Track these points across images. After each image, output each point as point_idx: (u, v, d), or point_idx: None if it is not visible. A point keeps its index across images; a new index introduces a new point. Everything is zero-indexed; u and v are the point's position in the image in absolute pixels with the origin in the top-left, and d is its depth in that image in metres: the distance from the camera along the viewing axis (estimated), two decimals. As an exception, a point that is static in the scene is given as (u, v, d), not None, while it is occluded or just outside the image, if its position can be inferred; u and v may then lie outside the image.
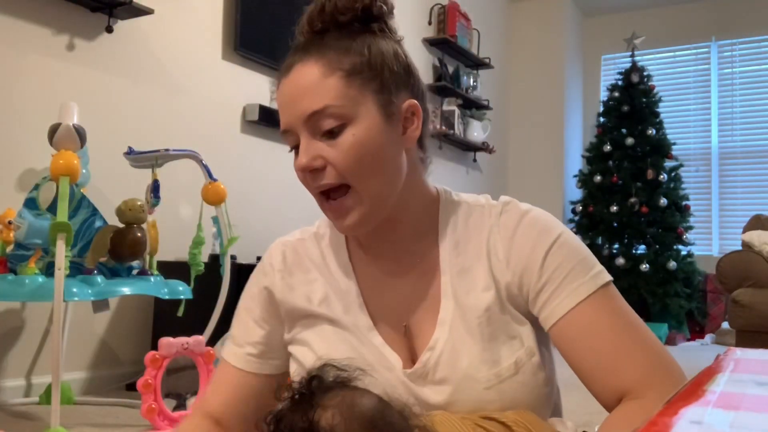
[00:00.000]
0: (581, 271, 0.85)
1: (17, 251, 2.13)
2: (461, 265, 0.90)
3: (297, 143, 0.86)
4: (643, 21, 5.97)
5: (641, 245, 5.32)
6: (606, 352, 0.82)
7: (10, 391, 2.37)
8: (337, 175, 0.84)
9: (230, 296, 2.46)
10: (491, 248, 0.89)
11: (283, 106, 0.87)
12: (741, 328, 3.67)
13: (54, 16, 2.54)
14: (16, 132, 2.42)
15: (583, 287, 0.84)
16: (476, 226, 0.91)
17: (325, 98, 0.83)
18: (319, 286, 0.95)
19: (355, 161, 0.83)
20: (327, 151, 0.84)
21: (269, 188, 3.49)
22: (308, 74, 0.84)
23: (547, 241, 0.86)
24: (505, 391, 0.84)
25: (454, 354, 0.86)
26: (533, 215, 0.90)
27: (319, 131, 0.84)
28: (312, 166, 0.84)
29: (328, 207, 0.88)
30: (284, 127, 0.87)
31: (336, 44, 0.85)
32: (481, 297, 0.87)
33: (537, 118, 5.89)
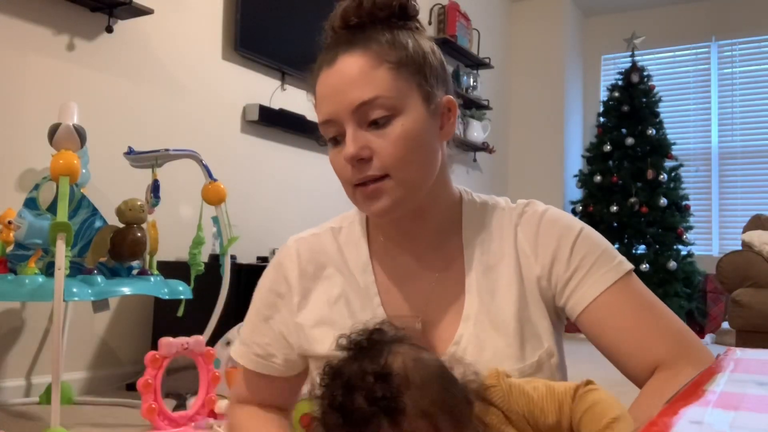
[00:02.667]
0: (606, 260, 0.89)
1: (17, 251, 2.13)
2: (486, 263, 0.92)
3: (338, 134, 0.87)
4: (643, 21, 5.97)
5: (641, 245, 5.32)
6: (636, 330, 0.86)
7: (10, 391, 2.37)
8: (381, 166, 0.85)
9: (230, 296, 2.46)
10: (519, 246, 0.92)
11: (327, 96, 0.87)
12: (741, 328, 3.67)
13: (54, 16, 2.54)
14: (16, 132, 2.42)
15: (610, 274, 0.88)
16: (498, 226, 0.94)
17: (376, 89, 0.84)
18: (336, 283, 0.94)
19: (403, 152, 0.85)
20: (375, 141, 0.84)
21: (269, 188, 3.49)
22: (356, 65, 0.85)
23: (573, 233, 0.91)
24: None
25: (479, 348, 0.87)
26: (554, 211, 0.94)
27: (365, 121, 0.85)
28: (360, 155, 0.84)
29: (361, 191, 0.87)
30: (327, 116, 0.87)
31: (380, 38, 0.87)
32: (506, 294, 0.90)
33: (537, 118, 5.89)
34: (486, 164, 5.57)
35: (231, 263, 2.49)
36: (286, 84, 3.56)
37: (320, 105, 0.88)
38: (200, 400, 2.02)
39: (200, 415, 2.01)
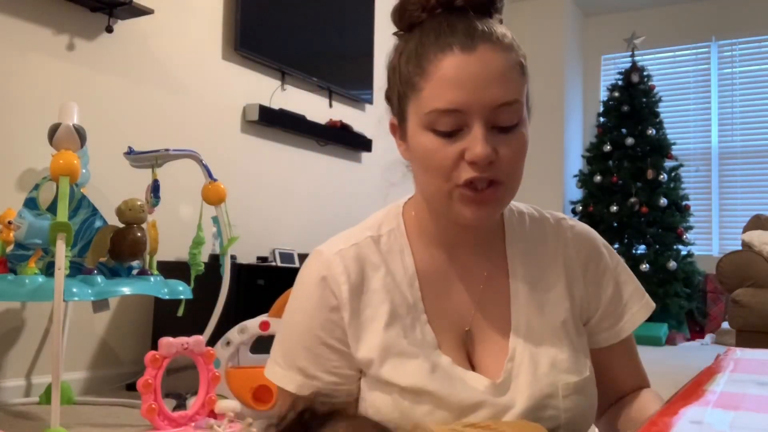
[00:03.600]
0: (639, 297, 0.95)
1: (17, 251, 2.13)
2: (531, 274, 0.90)
3: (457, 126, 0.78)
4: (643, 21, 5.97)
5: (641, 245, 5.32)
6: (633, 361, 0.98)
7: (10, 391, 2.37)
8: (502, 172, 0.80)
9: (230, 296, 2.46)
10: (568, 262, 0.92)
11: (462, 84, 0.77)
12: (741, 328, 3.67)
13: (54, 16, 2.54)
14: (16, 132, 2.42)
15: (639, 314, 0.94)
16: (541, 238, 0.93)
17: (515, 92, 0.81)
18: (383, 299, 0.86)
19: (520, 162, 0.83)
20: (503, 147, 0.80)
21: (269, 188, 3.49)
22: (500, 60, 0.79)
23: (615, 259, 0.95)
24: (578, 402, 0.85)
25: (534, 362, 0.85)
26: (594, 232, 0.97)
27: (494, 123, 0.79)
28: (492, 158, 0.78)
29: (464, 193, 0.80)
30: (456, 106, 0.77)
31: (501, 33, 0.82)
32: (556, 307, 0.89)
33: (537, 118, 5.85)
34: (486, 164, 5.57)
35: (231, 263, 2.49)
36: (286, 84, 3.56)
37: (444, 89, 0.78)
38: (200, 400, 2.02)
39: (200, 415, 2.01)
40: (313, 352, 0.86)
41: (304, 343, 0.87)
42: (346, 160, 4.00)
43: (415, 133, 0.82)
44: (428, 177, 0.82)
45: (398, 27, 0.88)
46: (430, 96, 0.79)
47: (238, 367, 2.22)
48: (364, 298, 0.86)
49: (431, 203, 0.87)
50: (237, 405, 2.04)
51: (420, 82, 0.80)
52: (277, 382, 0.89)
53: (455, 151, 0.78)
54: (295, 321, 0.89)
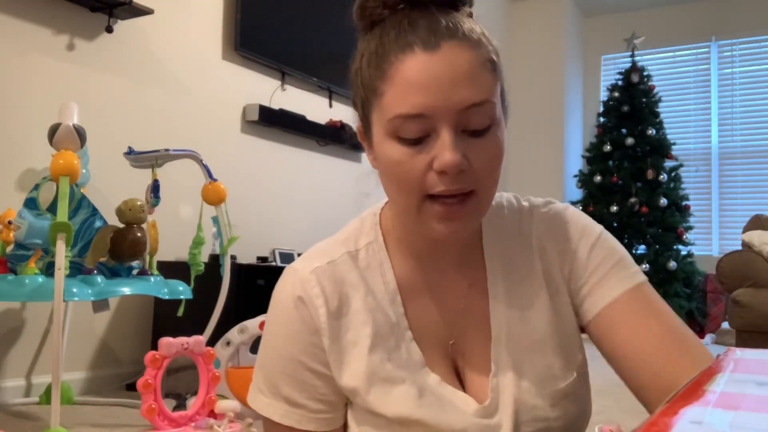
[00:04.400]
0: (623, 267, 0.83)
1: (17, 251, 2.13)
2: (511, 274, 0.85)
3: (424, 133, 0.71)
4: (643, 21, 5.97)
5: (641, 245, 5.32)
6: (645, 343, 0.78)
7: (10, 391, 2.37)
8: (474, 180, 0.73)
9: (230, 296, 2.46)
10: (538, 246, 0.85)
11: (426, 86, 0.70)
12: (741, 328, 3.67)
13: (54, 16, 2.54)
14: (16, 132, 2.42)
15: (625, 281, 0.82)
16: (518, 231, 0.86)
17: (486, 92, 0.72)
18: (364, 320, 0.82)
19: (495, 167, 0.75)
20: (474, 153, 0.72)
21: (269, 188, 3.49)
22: (466, 59, 0.71)
23: (593, 235, 0.84)
24: (568, 408, 0.81)
25: (518, 372, 0.81)
26: (574, 211, 0.87)
27: (463, 126, 0.72)
28: (463, 166, 0.71)
29: (439, 210, 0.73)
30: (421, 110, 0.70)
31: (468, 28, 0.74)
32: (538, 308, 0.83)
33: (537, 118, 5.89)
34: (486, 164, 5.57)
35: (231, 263, 2.49)
36: (286, 84, 3.56)
37: (407, 93, 0.71)
38: (200, 400, 2.02)
39: (200, 415, 2.01)
40: (297, 379, 0.82)
41: (286, 370, 0.82)
42: (346, 160, 4.00)
43: (380, 142, 0.75)
44: (396, 190, 0.75)
45: (359, 26, 0.82)
46: (392, 101, 0.72)
47: (238, 367, 2.22)
48: (344, 321, 0.81)
49: (402, 218, 0.82)
50: (237, 405, 2.04)
51: (381, 87, 0.74)
52: (262, 412, 0.84)
53: (423, 161, 0.72)
54: (275, 346, 0.83)
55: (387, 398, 0.79)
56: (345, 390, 0.81)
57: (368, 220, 0.88)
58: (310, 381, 0.82)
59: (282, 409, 0.82)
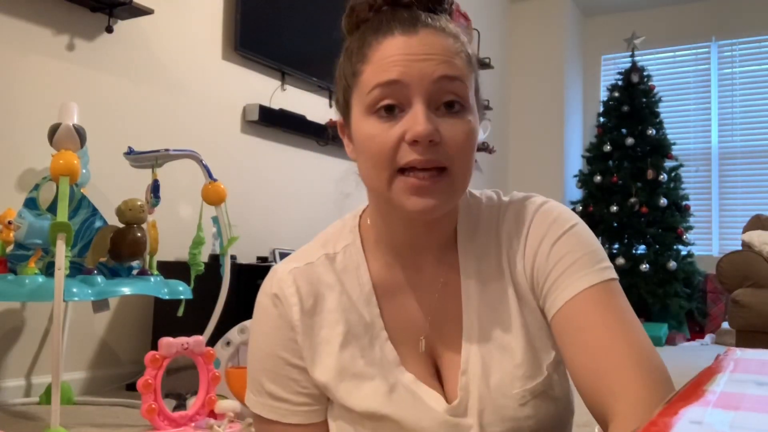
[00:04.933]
0: (588, 263, 0.79)
1: (17, 251, 2.13)
2: (483, 272, 0.84)
3: (396, 102, 0.75)
4: (643, 21, 5.97)
5: (641, 245, 5.32)
6: (598, 352, 0.74)
7: (10, 391, 2.37)
8: (446, 157, 0.75)
9: (230, 296, 2.46)
10: (504, 242, 0.84)
11: (401, 58, 0.75)
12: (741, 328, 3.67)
13: (54, 16, 2.54)
14: (16, 132, 2.42)
15: (587, 277, 0.78)
16: (490, 230, 0.86)
17: (458, 71, 0.76)
18: (338, 319, 0.84)
19: (466, 149, 0.77)
20: (446, 128, 0.75)
21: (269, 188, 3.49)
22: (439, 42, 0.76)
23: (559, 230, 0.82)
24: (540, 407, 0.81)
25: (486, 372, 0.81)
26: (549, 206, 0.85)
27: (436, 103, 0.75)
28: (433, 136, 0.73)
29: (406, 180, 0.75)
30: (397, 76, 0.74)
31: (445, 24, 0.80)
32: (507, 306, 0.82)
33: (537, 118, 5.89)
34: (486, 164, 5.57)
35: (231, 263, 2.49)
36: (286, 84, 3.56)
37: (384, 65, 0.75)
38: (200, 400, 2.02)
39: (200, 415, 2.01)
40: (278, 374, 0.85)
41: (267, 366, 0.86)
42: (346, 160, 3.99)
43: (358, 123, 0.79)
44: (370, 166, 0.78)
45: (346, 28, 0.85)
46: (370, 75, 0.76)
47: (238, 367, 2.22)
48: (317, 319, 0.84)
49: (376, 199, 0.84)
50: (237, 405, 2.04)
51: (361, 67, 0.78)
52: (251, 409, 0.88)
53: (396, 133, 0.74)
54: (257, 343, 0.87)
55: (356, 393, 0.82)
56: (318, 385, 0.84)
57: (348, 222, 0.92)
58: (290, 375, 0.85)
59: (267, 404, 0.86)
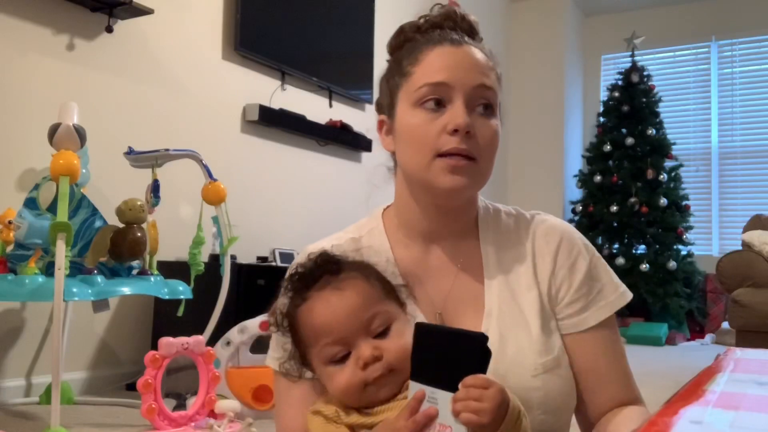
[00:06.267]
0: (611, 290, 0.97)
1: (17, 251, 2.13)
2: (504, 265, 0.97)
3: (442, 98, 0.91)
4: (643, 21, 5.97)
5: (641, 245, 5.32)
6: (609, 371, 0.95)
7: (10, 391, 2.37)
8: (477, 150, 0.90)
9: (230, 296, 2.46)
10: (536, 254, 0.97)
11: (450, 64, 0.91)
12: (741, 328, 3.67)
13: (54, 16, 2.54)
14: (16, 132, 2.42)
15: (609, 305, 0.96)
16: (515, 231, 1.00)
17: (492, 84, 0.94)
18: None
19: (493, 147, 0.93)
20: (478, 126, 0.91)
21: (269, 188, 3.49)
22: (483, 57, 0.94)
23: (589, 254, 0.98)
24: (549, 381, 0.90)
25: (503, 343, 0.91)
26: (572, 229, 1.01)
27: (472, 105, 0.91)
28: (470, 128, 0.89)
29: (445, 161, 0.90)
30: (444, 79, 0.90)
31: (484, 47, 0.98)
32: (527, 294, 0.95)
33: (537, 118, 5.89)
34: (486, 164, 5.57)
35: (231, 263, 2.49)
36: (286, 84, 3.56)
37: (434, 68, 0.92)
38: (200, 400, 2.02)
39: (200, 415, 2.01)
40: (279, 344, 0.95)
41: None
42: (346, 160, 4.00)
43: (404, 114, 0.93)
44: (413, 151, 0.92)
45: (392, 46, 1.00)
46: (421, 75, 0.92)
47: (238, 367, 2.22)
48: None
49: (412, 179, 0.95)
50: (237, 405, 2.04)
51: (412, 69, 0.93)
52: (267, 362, 0.98)
53: (439, 125, 0.90)
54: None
55: None
56: None
57: (374, 214, 1.04)
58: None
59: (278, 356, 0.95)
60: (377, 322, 0.84)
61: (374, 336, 0.84)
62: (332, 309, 0.84)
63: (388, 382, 0.83)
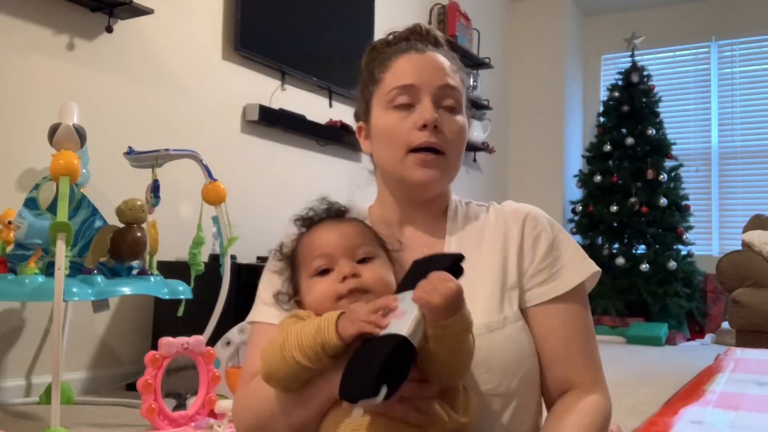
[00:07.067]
0: (577, 261, 1.01)
1: (17, 251, 2.13)
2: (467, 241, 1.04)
3: (410, 101, 1.00)
4: (643, 21, 5.97)
5: (641, 245, 5.32)
6: (573, 349, 0.98)
7: (10, 391, 2.37)
8: (445, 142, 0.99)
9: (230, 296, 2.46)
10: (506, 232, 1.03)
11: (416, 69, 1.01)
12: (741, 328, 3.68)
13: (54, 16, 2.54)
14: (16, 132, 2.42)
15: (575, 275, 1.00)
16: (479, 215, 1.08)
17: (457, 83, 1.03)
18: None
19: (460, 141, 1.03)
20: (445, 121, 1.00)
21: (269, 188, 3.49)
22: (446, 61, 1.04)
23: (555, 231, 1.04)
24: (494, 340, 0.94)
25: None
26: (539, 210, 1.07)
27: (438, 103, 1.00)
28: (436, 123, 0.98)
29: (417, 156, 0.99)
30: (412, 81, 1.00)
31: (447, 52, 1.07)
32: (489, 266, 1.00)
33: (537, 118, 5.89)
34: (486, 164, 5.57)
35: (231, 263, 2.49)
36: (286, 84, 3.56)
37: (402, 73, 1.01)
38: (200, 400, 2.02)
39: (200, 415, 2.01)
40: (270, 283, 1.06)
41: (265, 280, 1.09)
42: (346, 160, 4.00)
43: (378, 117, 1.03)
44: (387, 147, 1.02)
45: (365, 63, 1.09)
46: (390, 80, 1.02)
47: (238, 367, 2.22)
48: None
49: (388, 175, 1.05)
50: (237, 405, 2.03)
51: (382, 75, 1.04)
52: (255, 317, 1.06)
53: (410, 122, 0.99)
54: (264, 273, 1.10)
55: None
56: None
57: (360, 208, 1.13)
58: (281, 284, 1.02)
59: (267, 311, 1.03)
60: (363, 250, 0.92)
61: (357, 261, 0.92)
62: (328, 231, 0.96)
63: (359, 300, 0.87)
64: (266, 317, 1.03)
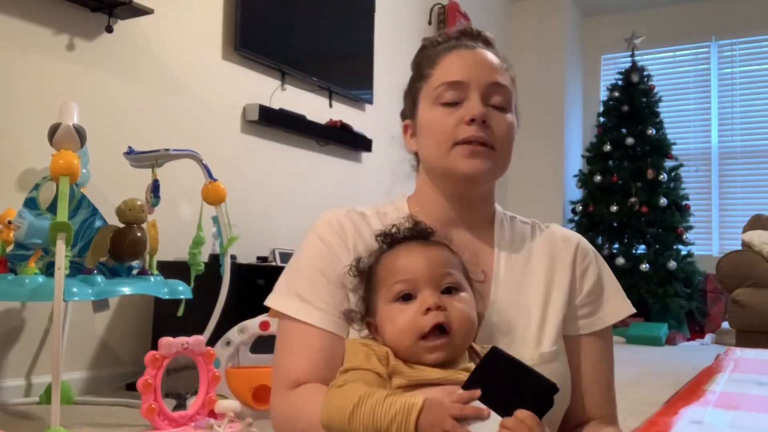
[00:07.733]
0: (620, 298, 1.04)
1: (17, 251, 2.13)
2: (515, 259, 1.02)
3: (458, 98, 0.98)
4: (643, 21, 5.97)
5: (641, 245, 5.32)
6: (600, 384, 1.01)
7: (10, 391, 2.37)
8: (493, 139, 0.97)
9: (230, 296, 2.46)
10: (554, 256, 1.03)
11: (465, 65, 0.99)
12: (741, 328, 3.68)
13: (54, 16, 2.54)
14: (16, 132, 2.42)
15: (618, 312, 1.03)
16: (526, 234, 1.06)
17: (506, 82, 1.01)
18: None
19: (509, 138, 1.00)
20: (494, 118, 0.98)
21: (269, 188, 3.49)
22: (496, 59, 1.02)
23: (599, 263, 1.05)
24: (548, 372, 0.89)
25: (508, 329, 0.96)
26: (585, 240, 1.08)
27: (487, 100, 0.98)
28: (485, 117, 0.96)
29: (464, 147, 0.96)
30: (461, 78, 0.98)
31: (498, 52, 1.05)
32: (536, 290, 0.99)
33: (537, 118, 5.89)
34: (486, 164, 5.56)
35: (231, 263, 2.49)
36: (286, 84, 3.56)
37: (451, 69, 0.99)
38: (200, 400, 2.02)
39: (200, 415, 2.01)
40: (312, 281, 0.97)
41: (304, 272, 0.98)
42: (346, 160, 4.00)
43: (425, 113, 1.01)
44: (432, 142, 0.99)
45: (415, 61, 1.07)
46: (438, 76, 1.00)
47: (238, 367, 2.22)
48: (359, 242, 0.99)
49: (433, 170, 1.02)
50: (237, 405, 2.03)
51: (430, 71, 1.02)
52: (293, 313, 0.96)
53: (457, 117, 0.97)
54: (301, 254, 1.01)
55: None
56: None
57: (397, 198, 1.10)
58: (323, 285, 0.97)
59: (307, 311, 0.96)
60: (448, 279, 0.87)
61: (441, 291, 0.87)
62: (414, 255, 0.89)
63: (440, 344, 0.84)
64: (308, 317, 0.95)
